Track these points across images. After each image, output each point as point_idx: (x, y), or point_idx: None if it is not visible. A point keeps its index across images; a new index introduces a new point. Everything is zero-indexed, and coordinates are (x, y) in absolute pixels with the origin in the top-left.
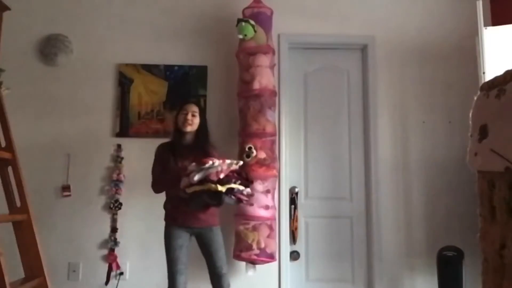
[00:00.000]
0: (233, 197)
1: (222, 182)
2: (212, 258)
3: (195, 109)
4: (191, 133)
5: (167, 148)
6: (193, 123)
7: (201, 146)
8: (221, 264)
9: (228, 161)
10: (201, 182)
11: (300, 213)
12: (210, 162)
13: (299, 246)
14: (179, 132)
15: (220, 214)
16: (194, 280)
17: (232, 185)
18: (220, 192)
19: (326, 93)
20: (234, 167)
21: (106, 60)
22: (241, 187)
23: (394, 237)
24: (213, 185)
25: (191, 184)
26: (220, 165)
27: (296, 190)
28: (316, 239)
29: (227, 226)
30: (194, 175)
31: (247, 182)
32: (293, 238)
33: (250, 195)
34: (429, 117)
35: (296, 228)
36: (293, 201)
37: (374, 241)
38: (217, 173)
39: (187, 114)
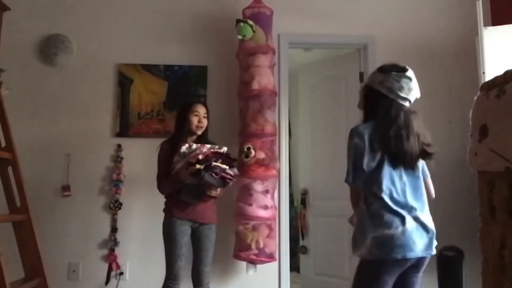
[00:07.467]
0: (214, 175)
1: (200, 162)
2: (201, 255)
3: (205, 111)
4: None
5: (172, 147)
6: (204, 126)
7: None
8: (208, 262)
9: (208, 146)
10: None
11: (308, 212)
12: (187, 145)
13: (307, 242)
14: (188, 132)
15: (220, 214)
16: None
17: (213, 163)
18: (199, 169)
19: (328, 97)
20: (218, 150)
21: (106, 60)
22: (223, 166)
23: None
24: (193, 166)
25: (177, 172)
26: (199, 148)
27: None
28: (323, 236)
29: (227, 226)
30: (177, 163)
31: (229, 160)
32: (301, 234)
33: (235, 175)
34: (430, 117)
35: (304, 226)
36: (303, 201)
37: None
38: (196, 155)
39: (199, 116)
